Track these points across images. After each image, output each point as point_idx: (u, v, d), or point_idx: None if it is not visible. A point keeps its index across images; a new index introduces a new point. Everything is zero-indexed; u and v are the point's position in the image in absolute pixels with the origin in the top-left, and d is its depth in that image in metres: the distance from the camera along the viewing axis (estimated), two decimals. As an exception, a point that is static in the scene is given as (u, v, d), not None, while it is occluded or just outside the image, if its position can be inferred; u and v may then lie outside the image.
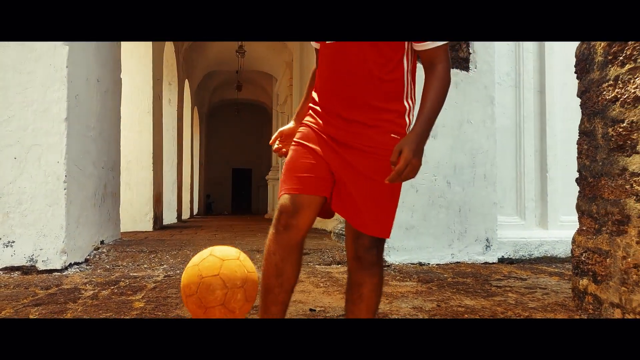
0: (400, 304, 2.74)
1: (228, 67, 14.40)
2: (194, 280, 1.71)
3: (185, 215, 12.77)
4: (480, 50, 4.48)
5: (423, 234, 4.28)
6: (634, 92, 1.81)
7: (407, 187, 4.11)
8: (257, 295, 1.60)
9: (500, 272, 3.93)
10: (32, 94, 3.58)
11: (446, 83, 1.45)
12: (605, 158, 1.99)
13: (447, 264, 4.27)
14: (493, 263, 4.42)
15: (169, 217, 10.00)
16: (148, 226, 7.70)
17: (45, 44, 3.59)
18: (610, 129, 1.96)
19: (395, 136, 1.46)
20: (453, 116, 4.36)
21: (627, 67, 1.86)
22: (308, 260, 4.27)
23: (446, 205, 4.33)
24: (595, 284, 2.06)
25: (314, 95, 1.57)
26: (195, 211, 16.15)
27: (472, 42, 4.42)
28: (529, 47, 4.89)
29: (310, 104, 1.59)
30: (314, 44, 1.62)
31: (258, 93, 18.12)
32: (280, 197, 1.47)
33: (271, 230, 1.47)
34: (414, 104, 1.53)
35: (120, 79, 5.49)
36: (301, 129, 1.56)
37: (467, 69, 4.41)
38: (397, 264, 4.19)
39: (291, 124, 1.74)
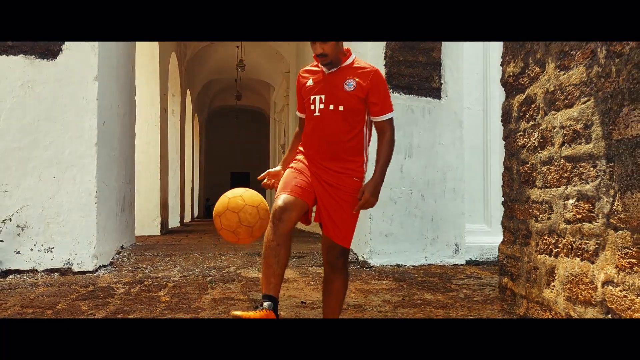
0: (374, 297, 3.43)
1: (227, 75, 15.09)
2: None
3: (187, 218, 13.43)
4: (450, 80, 5.17)
5: (400, 240, 4.97)
6: (534, 143, 2.51)
7: (386, 200, 4.81)
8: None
9: (464, 272, 4.63)
10: (68, 123, 4.25)
11: (392, 145, 2.19)
12: (518, 188, 2.69)
13: (420, 266, 4.96)
14: (461, 265, 5.12)
15: (173, 221, 10.67)
16: (156, 231, 8.38)
17: (79, 79, 4.26)
18: (520, 167, 2.66)
19: (357, 179, 2.18)
20: (427, 138, 5.06)
21: (530, 123, 2.56)
22: (302, 262, 4.95)
23: (420, 215, 5.03)
24: (512, 281, 2.76)
25: (302, 147, 2.27)
26: (196, 214, 16.83)
27: (443, 74, 5.11)
28: (495, 77, 5.58)
29: (300, 149, 2.29)
30: (300, 114, 2.33)
31: (256, 100, 18.78)
32: (276, 198, 2.14)
33: (269, 225, 2.14)
34: (367, 155, 2.23)
35: (135, 100, 6.16)
36: (294, 163, 2.27)
37: (439, 97, 5.10)
38: (377, 265, 4.87)
39: (278, 167, 2.41)
